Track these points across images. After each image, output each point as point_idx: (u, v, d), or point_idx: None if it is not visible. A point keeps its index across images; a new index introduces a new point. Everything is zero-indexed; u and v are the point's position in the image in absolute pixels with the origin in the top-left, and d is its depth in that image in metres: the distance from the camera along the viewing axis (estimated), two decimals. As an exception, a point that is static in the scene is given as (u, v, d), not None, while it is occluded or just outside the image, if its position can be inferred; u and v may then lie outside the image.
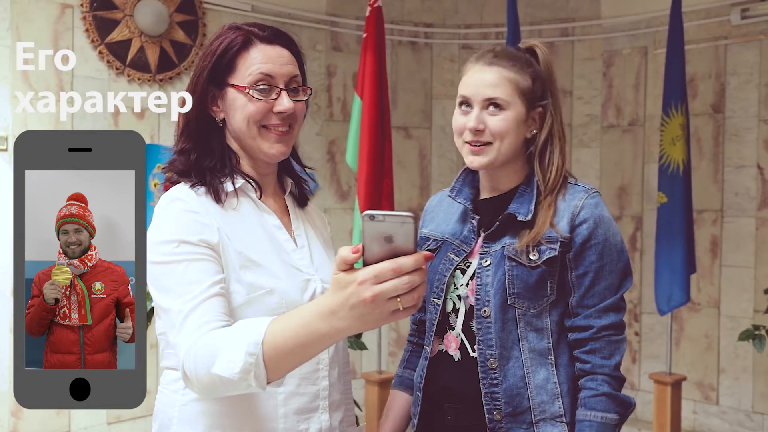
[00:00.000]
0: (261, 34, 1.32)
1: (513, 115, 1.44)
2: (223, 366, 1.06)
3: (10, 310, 3.39)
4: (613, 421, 1.40)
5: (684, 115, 3.55)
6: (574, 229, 1.43)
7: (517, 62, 1.45)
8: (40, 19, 3.50)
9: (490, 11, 4.81)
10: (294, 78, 1.33)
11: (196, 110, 1.32)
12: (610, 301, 1.43)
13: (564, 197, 1.46)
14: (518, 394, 1.41)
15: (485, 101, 1.43)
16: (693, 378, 4.20)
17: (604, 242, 1.43)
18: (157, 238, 1.23)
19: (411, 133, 4.87)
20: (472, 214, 1.52)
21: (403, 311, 0.90)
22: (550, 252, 1.41)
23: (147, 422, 3.67)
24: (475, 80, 1.45)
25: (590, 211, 1.44)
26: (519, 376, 1.42)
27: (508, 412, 1.41)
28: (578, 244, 1.42)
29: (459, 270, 1.49)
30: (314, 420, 1.33)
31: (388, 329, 4.75)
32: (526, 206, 1.45)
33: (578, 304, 1.43)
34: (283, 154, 1.34)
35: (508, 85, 1.43)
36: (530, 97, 1.46)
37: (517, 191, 1.48)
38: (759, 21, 3.98)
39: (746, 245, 4.09)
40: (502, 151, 1.44)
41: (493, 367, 1.42)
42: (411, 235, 0.88)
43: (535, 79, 1.46)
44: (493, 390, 1.42)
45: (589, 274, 1.42)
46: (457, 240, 1.52)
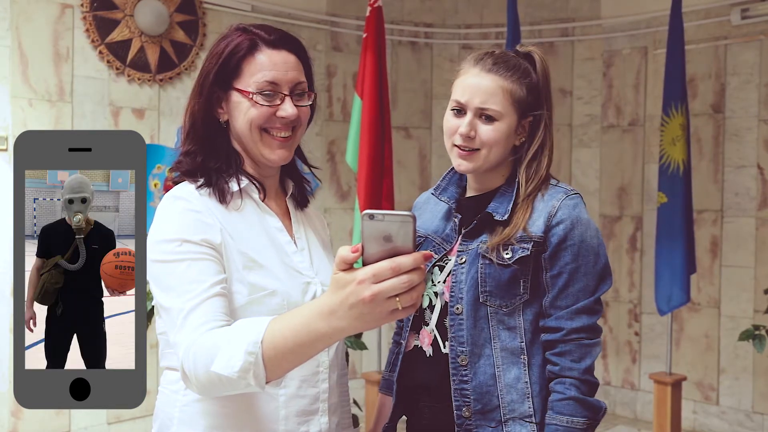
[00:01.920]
0: (268, 38, 1.32)
1: (505, 126, 1.44)
2: (222, 364, 1.06)
3: (10, 310, 3.39)
4: (580, 425, 1.38)
5: (684, 115, 3.55)
6: (550, 230, 1.42)
7: (516, 72, 1.45)
8: (40, 19, 3.50)
9: (490, 11, 4.82)
10: (299, 84, 1.33)
11: (202, 112, 1.32)
12: (584, 303, 1.42)
13: (543, 197, 1.45)
14: (488, 391, 1.41)
15: (479, 109, 1.44)
16: (693, 378, 4.20)
17: (580, 243, 1.42)
18: (159, 236, 1.23)
19: (411, 133, 4.88)
20: (455, 212, 1.53)
21: (402, 310, 0.90)
22: (523, 251, 1.41)
23: (147, 422, 3.67)
24: (471, 85, 1.45)
25: (567, 212, 1.42)
26: (489, 374, 1.42)
27: (477, 409, 1.41)
28: (554, 245, 1.41)
29: (437, 267, 1.50)
30: (314, 422, 1.33)
31: (388, 329, 4.75)
32: (504, 206, 1.45)
33: (551, 305, 1.42)
34: (284, 159, 1.35)
35: (503, 95, 1.43)
36: (523, 106, 1.46)
37: (497, 191, 1.49)
38: (759, 21, 3.98)
39: (746, 245, 4.09)
40: (490, 159, 1.45)
41: (463, 363, 1.42)
42: (410, 234, 0.88)
43: (531, 90, 1.47)
44: (462, 387, 1.42)
45: (563, 275, 1.41)
46: (438, 237, 1.54)
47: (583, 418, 1.38)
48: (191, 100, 1.34)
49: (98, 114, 3.67)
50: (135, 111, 3.80)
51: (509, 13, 3.72)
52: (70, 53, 3.59)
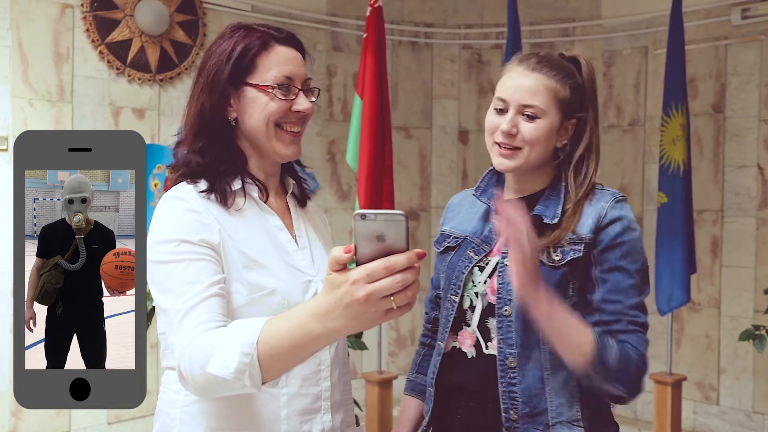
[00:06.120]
0: (278, 35, 1.34)
1: (547, 124, 1.43)
2: (218, 366, 1.06)
3: (10, 310, 3.39)
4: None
5: (684, 115, 3.55)
6: (600, 230, 1.41)
7: (560, 71, 1.45)
8: (40, 19, 3.50)
9: (490, 11, 4.82)
10: (308, 80, 1.36)
11: (213, 110, 1.32)
12: (637, 300, 1.41)
13: (591, 202, 1.45)
14: (536, 395, 1.40)
15: (521, 106, 1.43)
16: (693, 378, 4.20)
17: (630, 243, 1.42)
18: (158, 237, 1.23)
19: (411, 133, 4.87)
20: (495, 214, 1.51)
21: (396, 310, 0.89)
22: (574, 253, 1.41)
23: (147, 422, 3.68)
24: (514, 83, 1.45)
25: (618, 213, 1.43)
26: (538, 377, 1.41)
27: (525, 412, 1.40)
28: (605, 241, 1.41)
29: (477, 268, 1.50)
30: (316, 421, 1.33)
31: (388, 329, 4.75)
32: (552, 209, 1.45)
33: (603, 299, 1.41)
34: (297, 154, 1.37)
35: (546, 93, 1.43)
36: (566, 107, 1.45)
37: (542, 195, 1.48)
38: (759, 21, 3.98)
39: (746, 245, 4.09)
40: (531, 158, 1.44)
41: (512, 366, 1.41)
42: (403, 233, 0.87)
43: (575, 91, 1.46)
44: (511, 389, 1.41)
45: (614, 271, 1.40)
46: (477, 238, 1.53)
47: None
48: (199, 98, 1.33)
49: (98, 114, 3.67)
50: (135, 111, 3.80)
51: (509, 13, 3.72)
52: (70, 53, 3.59)
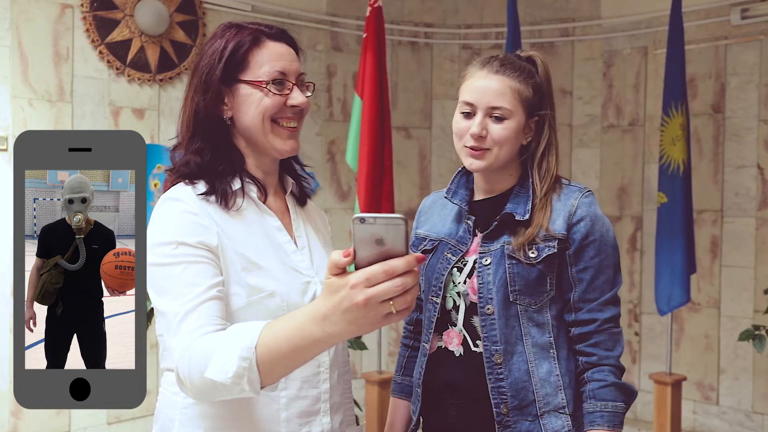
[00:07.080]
0: (269, 31, 1.34)
1: (514, 125, 1.50)
2: (216, 370, 1.06)
3: (10, 310, 3.39)
4: (621, 410, 1.46)
5: (684, 115, 3.55)
6: (571, 227, 1.49)
7: (522, 72, 1.52)
8: (40, 19, 3.50)
9: (490, 11, 4.82)
10: (301, 74, 1.36)
11: (207, 109, 1.32)
12: (610, 294, 1.50)
13: (559, 197, 1.52)
14: (523, 387, 1.47)
15: (490, 108, 1.49)
16: (693, 378, 4.20)
17: (601, 238, 1.50)
18: (156, 239, 1.22)
19: (411, 133, 4.87)
20: (467, 214, 1.57)
21: (396, 314, 0.88)
22: (549, 249, 1.48)
23: (147, 422, 3.68)
24: (480, 86, 1.50)
25: (586, 210, 1.50)
26: (524, 370, 1.47)
27: (514, 405, 1.46)
28: (577, 241, 1.49)
29: (456, 268, 1.55)
30: (316, 423, 1.33)
31: (388, 329, 4.75)
32: (522, 206, 1.51)
33: (580, 298, 1.50)
34: (294, 150, 1.36)
35: (512, 94, 1.49)
36: (530, 106, 1.52)
37: (511, 193, 1.55)
38: (759, 21, 3.98)
39: (746, 245, 4.09)
40: (500, 157, 1.51)
41: (498, 362, 1.47)
42: (402, 237, 0.86)
43: (535, 90, 1.53)
44: (499, 384, 1.47)
45: (589, 270, 1.49)
46: (453, 240, 1.58)
47: (623, 402, 1.47)
48: (193, 98, 1.33)
49: (98, 114, 3.67)
50: (135, 111, 3.80)
51: (509, 13, 3.72)
52: (70, 53, 3.59)
